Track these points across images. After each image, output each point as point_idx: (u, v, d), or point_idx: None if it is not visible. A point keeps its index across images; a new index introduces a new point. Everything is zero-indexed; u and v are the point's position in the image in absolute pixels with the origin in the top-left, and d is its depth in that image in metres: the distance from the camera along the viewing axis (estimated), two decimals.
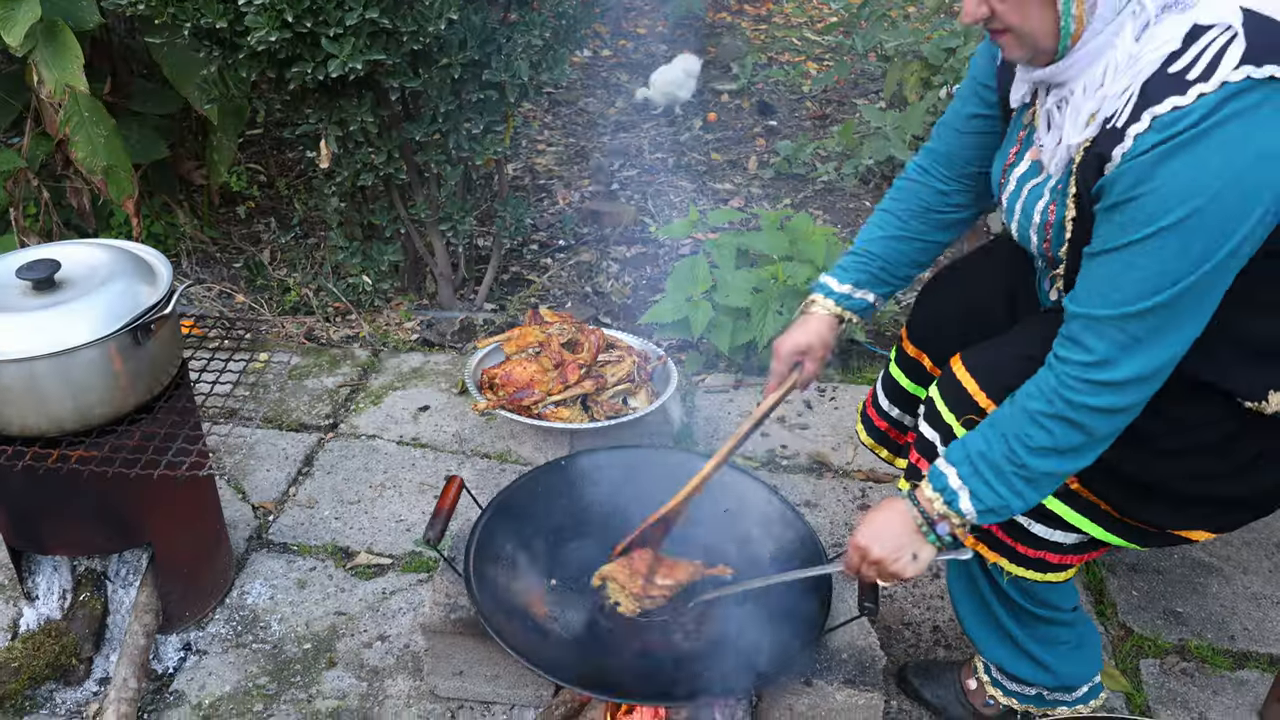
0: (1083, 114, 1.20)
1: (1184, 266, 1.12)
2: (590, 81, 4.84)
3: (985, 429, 1.29)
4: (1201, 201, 1.08)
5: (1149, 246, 1.12)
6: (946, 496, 1.30)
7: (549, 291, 3.10)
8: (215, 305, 2.99)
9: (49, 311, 1.51)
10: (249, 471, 2.31)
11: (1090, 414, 1.20)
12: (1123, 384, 1.19)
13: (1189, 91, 1.08)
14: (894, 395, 1.75)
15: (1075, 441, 1.23)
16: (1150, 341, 1.16)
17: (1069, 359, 1.21)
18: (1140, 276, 1.14)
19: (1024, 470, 1.25)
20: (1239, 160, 1.07)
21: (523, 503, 1.79)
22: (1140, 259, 1.13)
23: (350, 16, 2.19)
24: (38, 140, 2.82)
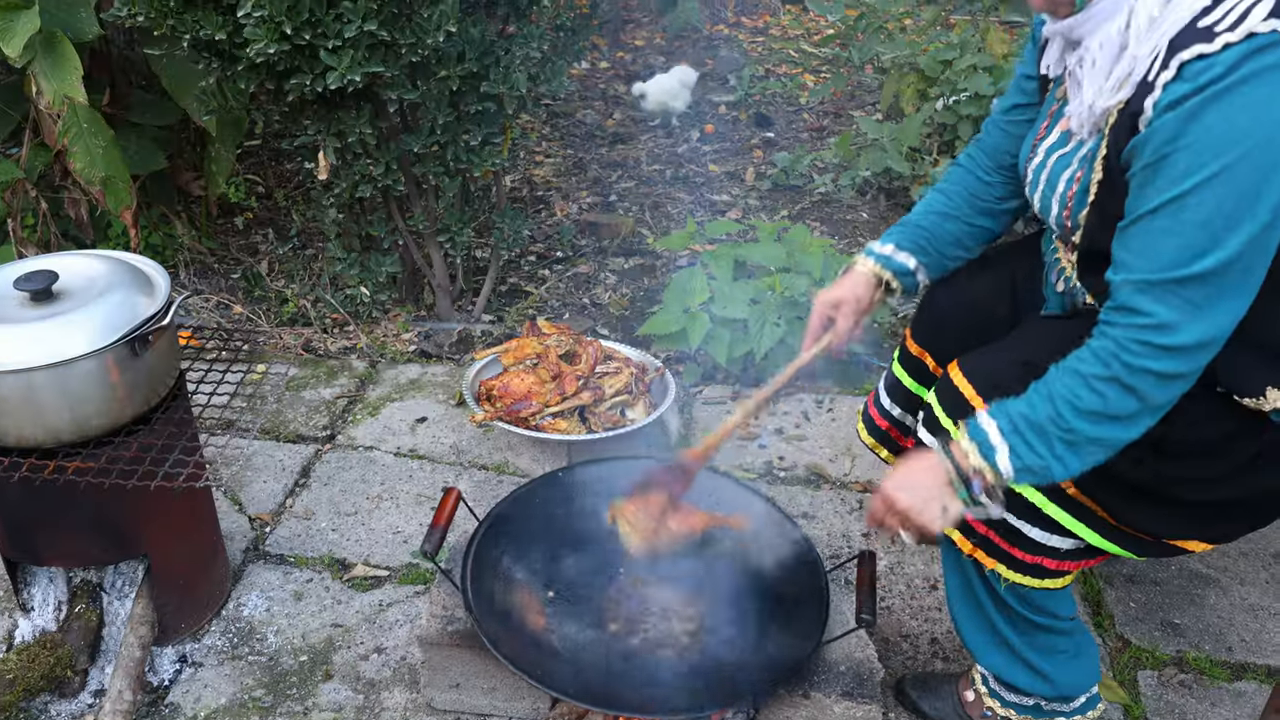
0: (1111, 75, 1.20)
1: (1242, 213, 1.10)
2: (588, 93, 4.85)
3: (1030, 394, 1.25)
4: (1235, 156, 1.08)
5: (1188, 203, 1.11)
6: (983, 451, 1.25)
7: (547, 303, 3.10)
8: (213, 316, 2.99)
9: (46, 323, 1.51)
10: (246, 483, 2.30)
11: (1148, 379, 1.17)
12: (1185, 349, 1.16)
13: (1215, 40, 1.08)
14: (896, 394, 1.76)
15: (1129, 408, 1.19)
16: (1212, 305, 1.14)
17: (1126, 324, 1.18)
18: (1187, 236, 1.12)
19: (1070, 434, 1.21)
20: (1272, 114, 1.07)
21: (520, 515, 1.79)
22: (1183, 218, 1.12)
23: (349, 29, 2.19)
24: (36, 151, 2.82)
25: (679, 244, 2.99)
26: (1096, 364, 1.19)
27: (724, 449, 1.70)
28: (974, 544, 1.42)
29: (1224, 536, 1.42)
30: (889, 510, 1.33)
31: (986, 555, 1.42)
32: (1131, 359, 1.17)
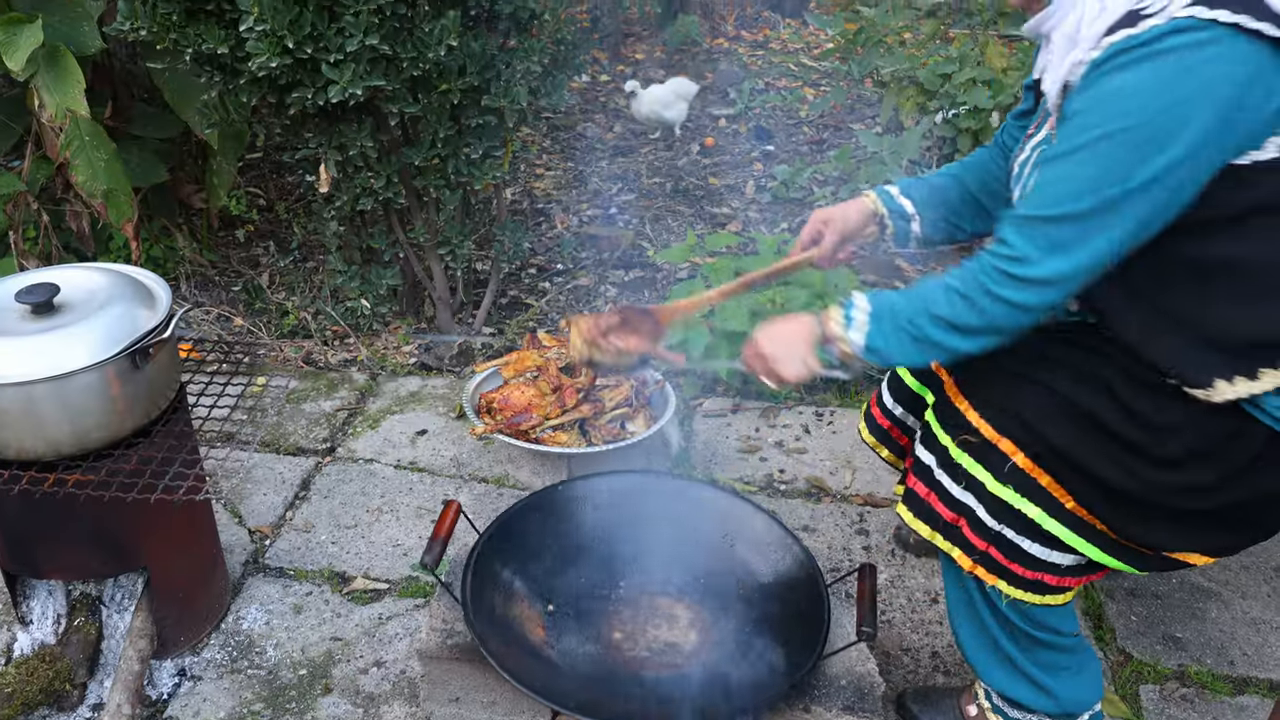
0: (1066, 63, 1.26)
1: (1110, 178, 1.17)
2: (589, 106, 4.87)
3: (909, 289, 1.36)
4: (1135, 119, 1.15)
5: (1083, 155, 1.19)
6: (845, 321, 1.38)
7: (547, 315, 3.11)
8: (214, 328, 3.00)
9: (47, 335, 1.51)
10: (246, 495, 2.30)
11: (994, 302, 1.26)
12: (1032, 281, 1.24)
13: (1140, 24, 1.15)
14: (899, 394, 1.77)
15: (970, 322, 1.29)
16: (1067, 247, 1.22)
17: (992, 252, 1.27)
18: (1071, 184, 1.20)
19: (917, 331, 1.32)
20: (1178, 87, 1.14)
21: (520, 528, 1.79)
22: (1073, 167, 1.20)
23: (351, 43, 2.20)
24: (38, 164, 2.83)
25: (679, 257, 3.00)
26: (957, 279, 1.29)
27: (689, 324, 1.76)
28: (974, 560, 1.42)
29: (1225, 549, 1.42)
30: (755, 355, 1.47)
31: (987, 571, 1.42)
32: (986, 280, 1.26)
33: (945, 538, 1.44)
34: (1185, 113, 1.13)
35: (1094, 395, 1.33)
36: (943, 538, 1.44)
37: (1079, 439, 1.33)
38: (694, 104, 4.52)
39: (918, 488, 1.47)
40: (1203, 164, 1.16)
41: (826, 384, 2.71)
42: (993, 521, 1.40)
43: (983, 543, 1.40)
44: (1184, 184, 1.17)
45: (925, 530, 1.46)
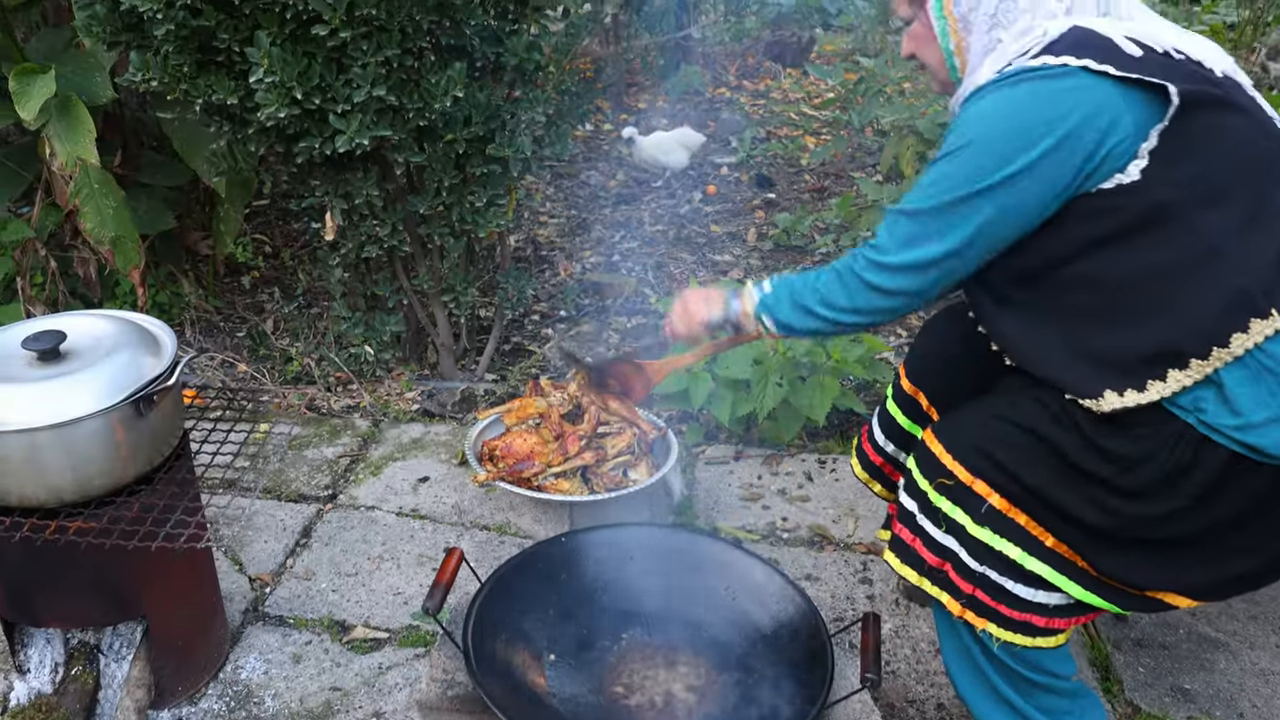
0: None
1: (957, 183, 1.32)
2: (592, 155, 4.93)
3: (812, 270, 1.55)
4: (989, 131, 1.31)
5: (943, 162, 1.35)
6: (754, 286, 1.59)
7: (550, 362, 3.11)
8: (218, 375, 3.01)
9: (53, 382, 1.52)
10: (246, 543, 2.29)
11: (860, 285, 1.44)
12: (889, 268, 1.40)
13: (1005, 71, 1.33)
14: (890, 432, 1.80)
15: (839, 300, 1.46)
16: (919, 240, 1.37)
17: (866, 242, 1.45)
18: (930, 185, 1.36)
19: (799, 298, 1.51)
20: (1029, 109, 1.28)
21: (523, 577, 1.78)
22: (934, 172, 1.36)
23: (358, 94, 2.24)
24: (47, 211, 2.86)
25: None
26: (840, 263, 1.48)
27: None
28: (962, 604, 1.44)
29: (1206, 589, 1.41)
30: (680, 307, 1.69)
31: (976, 615, 1.43)
32: (853, 264, 1.45)
33: (932, 582, 1.46)
34: (1031, 128, 1.27)
35: (1060, 430, 1.38)
36: (930, 583, 1.47)
37: (1051, 477, 1.37)
38: (696, 152, 4.57)
39: (903, 534, 1.50)
40: (1047, 178, 1.28)
41: (829, 432, 2.71)
42: (975, 564, 1.42)
43: (968, 586, 1.42)
44: (1028, 194, 1.29)
45: (913, 576, 1.49)
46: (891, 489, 1.82)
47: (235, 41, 2.22)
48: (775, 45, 6.49)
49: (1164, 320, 1.29)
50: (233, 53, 2.26)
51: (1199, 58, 1.33)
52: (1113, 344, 1.33)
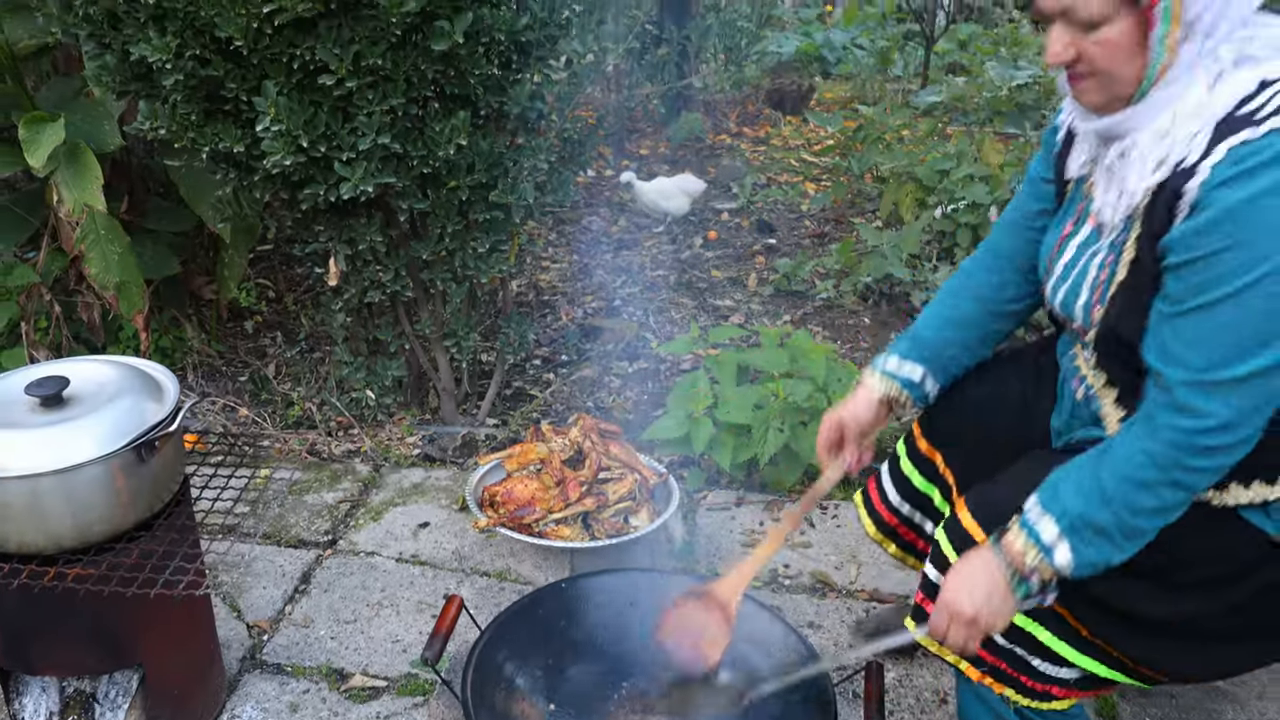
0: (1150, 160, 1.19)
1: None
2: (594, 200, 4.97)
3: (1084, 490, 1.23)
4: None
5: (1255, 295, 1.09)
6: (1041, 549, 1.25)
7: (551, 407, 3.12)
8: (219, 419, 3.01)
9: (54, 428, 1.52)
10: (245, 589, 2.28)
11: (1204, 476, 1.19)
12: (1241, 444, 1.16)
13: (1262, 126, 1.09)
14: (906, 492, 1.75)
15: (1181, 500, 1.21)
16: (1270, 400, 1.14)
17: (1188, 426, 1.16)
18: (1249, 330, 1.10)
19: (1132, 531, 1.22)
20: None
21: (523, 625, 1.77)
22: (1244, 312, 1.10)
23: (363, 142, 2.26)
24: (53, 256, 2.88)
25: (682, 349, 3.02)
26: (1153, 469, 1.19)
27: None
28: (983, 672, 1.41)
29: (1241, 670, 1.40)
30: (953, 620, 1.31)
31: (995, 681, 1.41)
32: (1191, 460, 1.16)
33: (954, 652, 1.42)
34: None
35: None
36: (951, 652, 1.42)
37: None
38: (697, 199, 4.61)
39: (926, 605, 1.47)
40: None
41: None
42: (1004, 640, 1.39)
43: (992, 658, 1.40)
44: None
45: (934, 646, 1.45)
46: (907, 550, 1.79)
47: (243, 91, 2.26)
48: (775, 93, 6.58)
49: None
50: (240, 102, 2.29)
51: None
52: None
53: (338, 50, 2.15)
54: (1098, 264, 1.33)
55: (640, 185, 4.44)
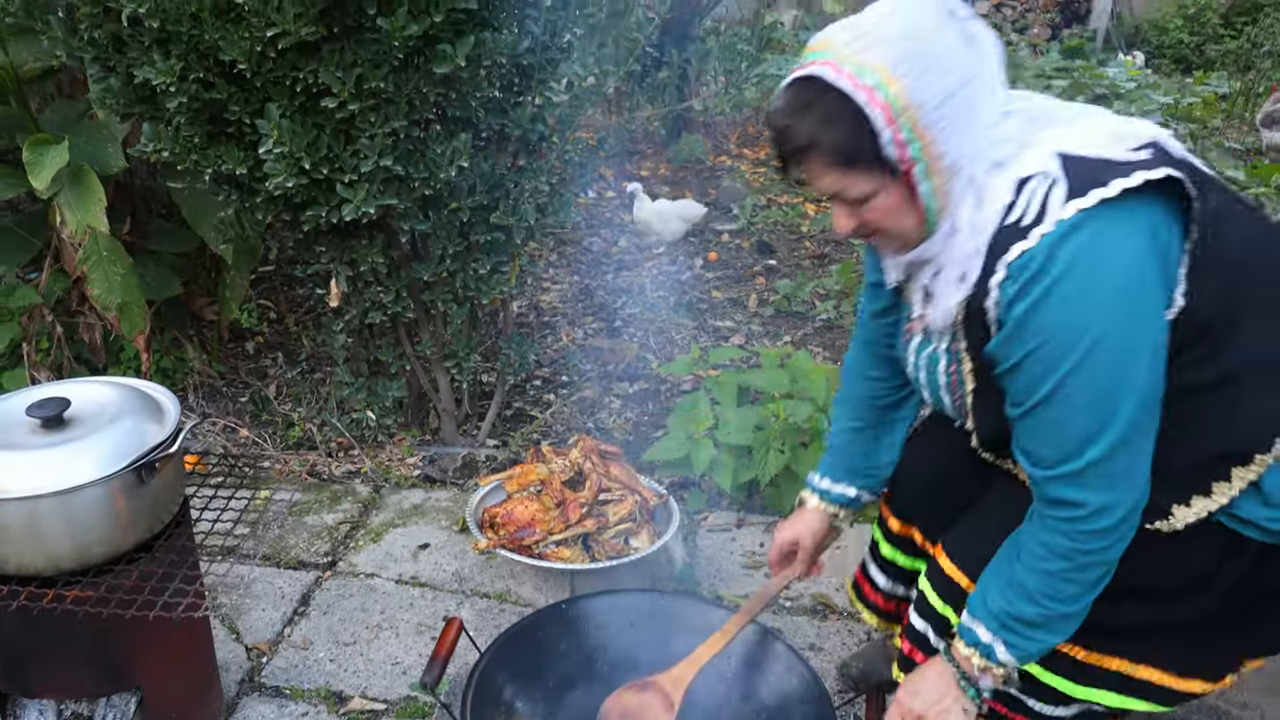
0: (952, 282, 1.26)
1: (1114, 391, 1.15)
2: (594, 221, 4.98)
3: (1005, 588, 1.31)
4: (1089, 342, 1.14)
5: (1066, 394, 1.17)
6: (983, 651, 1.34)
7: (551, 428, 3.11)
8: (220, 440, 3.01)
9: (55, 449, 1.52)
10: (244, 611, 2.27)
11: (1107, 553, 1.25)
12: (1128, 517, 1.23)
13: (1030, 235, 1.15)
14: (894, 574, 1.77)
15: (1099, 575, 1.27)
16: (1131, 470, 1.21)
17: (1069, 516, 1.23)
18: (1081, 422, 1.17)
19: (1063, 616, 1.29)
20: (1107, 283, 1.13)
21: (523, 647, 1.76)
22: (1067, 407, 1.17)
23: (365, 164, 2.28)
24: (55, 277, 2.89)
25: (683, 370, 3.02)
26: (1058, 560, 1.26)
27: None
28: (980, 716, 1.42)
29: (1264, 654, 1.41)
30: (906, 716, 1.41)
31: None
32: (1088, 546, 1.24)
33: None
34: (1136, 294, 1.14)
35: None
36: None
37: None
38: (696, 224, 4.63)
39: (915, 655, 1.50)
40: (1163, 323, 1.18)
41: None
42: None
43: (989, 700, 1.41)
44: (1164, 345, 1.18)
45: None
46: (883, 617, 1.83)
47: (246, 113, 2.27)
48: None
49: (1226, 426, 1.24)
50: (243, 124, 2.30)
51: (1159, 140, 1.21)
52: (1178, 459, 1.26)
53: (340, 73, 2.17)
54: (943, 369, 1.38)
55: (643, 200, 4.47)
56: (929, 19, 1.17)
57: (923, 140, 1.16)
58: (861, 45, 1.16)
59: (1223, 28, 8.35)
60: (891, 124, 1.15)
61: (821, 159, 1.20)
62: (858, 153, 1.18)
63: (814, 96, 1.18)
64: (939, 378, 1.39)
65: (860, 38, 1.17)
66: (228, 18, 2.12)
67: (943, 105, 1.15)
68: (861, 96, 1.15)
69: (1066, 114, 1.25)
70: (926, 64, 1.14)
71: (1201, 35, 8.39)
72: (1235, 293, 1.20)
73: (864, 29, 1.17)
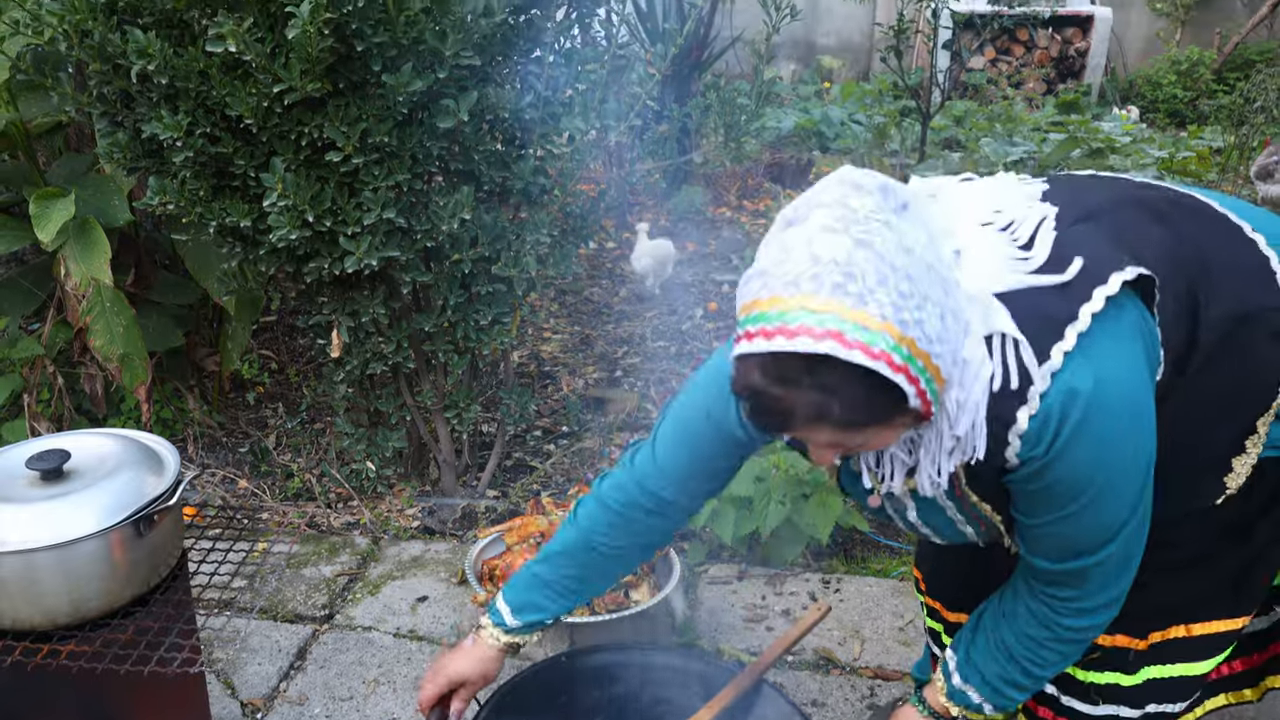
0: (943, 457, 1.20)
1: (1123, 512, 1.22)
2: (595, 272, 5.01)
3: (994, 653, 1.39)
4: (1106, 474, 1.18)
5: (1080, 518, 1.21)
6: (970, 708, 1.43)
7: (551, 478, 3.10)
8: (219, 491, 2.99)
9: (53, 502, 1.52)
10: (240, 665, 2.24)
11: (1090, 631, 1.34)
12: (1112, 603, 1.31)
13: (1029, 397, 1.13)
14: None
15: (1078, 650, 1.37)
16: (1122, 569, 1.28)
17: (1059, 596, 1.31)
18: (1087, 537, 1.24)
19: (1041, 678, 1.39)
20: (1118, 416, 1.16)
21: (521, 701, 1.74)
22: (1080, 526, 1.23)
23: (368, 216, 2.30)
24: (58, 328, 2.90)
25: None
26: (1045, 631, 1.33)
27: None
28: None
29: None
30: None
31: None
32: (1072, 622, 1.32)
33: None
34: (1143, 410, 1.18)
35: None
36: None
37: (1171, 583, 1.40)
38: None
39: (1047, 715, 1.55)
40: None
41: (833, 551, 2.68)
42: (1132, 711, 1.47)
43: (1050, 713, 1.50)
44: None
45: None
46: None
47: (251, 167, 2.30)
48: (774, 167, 6.68)
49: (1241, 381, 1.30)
50: (248, 177, 2.33)
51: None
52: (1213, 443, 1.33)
53: (345, 128, 2.20)
54: (954, 514, 1.34)
55: (640, 238, 4.54)
56: (884, 227, 1.03)
57: (931, 370, 1.06)
58: (851, 301, 1.00)
59: (1215, 83, 8.47)
60: (914, 382, 1.04)
61: (830, 427, 1.07)
62: (876, 416, 1.07)
63: (812, 368, 1.02)
64: (953, 522, 1.36)
65: (839, 290, 1.01)
66: (235, 74, 2.16)
67: (941, 320, 1.05)
68: (882, 366, 1.01)
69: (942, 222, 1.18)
70: (914, 289, 1.02)
71: (1194, 90, 8.50)
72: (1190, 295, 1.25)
73: (829, 272, 1.01)
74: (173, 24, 2.21)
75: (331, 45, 2.08)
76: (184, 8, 2.16)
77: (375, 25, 2.11)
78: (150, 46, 2.10)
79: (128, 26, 2.16)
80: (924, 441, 1.21)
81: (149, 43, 2.10)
